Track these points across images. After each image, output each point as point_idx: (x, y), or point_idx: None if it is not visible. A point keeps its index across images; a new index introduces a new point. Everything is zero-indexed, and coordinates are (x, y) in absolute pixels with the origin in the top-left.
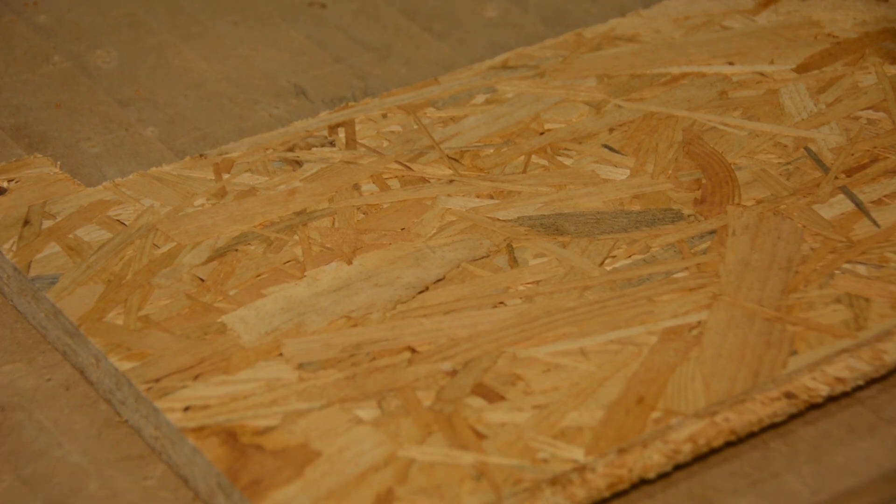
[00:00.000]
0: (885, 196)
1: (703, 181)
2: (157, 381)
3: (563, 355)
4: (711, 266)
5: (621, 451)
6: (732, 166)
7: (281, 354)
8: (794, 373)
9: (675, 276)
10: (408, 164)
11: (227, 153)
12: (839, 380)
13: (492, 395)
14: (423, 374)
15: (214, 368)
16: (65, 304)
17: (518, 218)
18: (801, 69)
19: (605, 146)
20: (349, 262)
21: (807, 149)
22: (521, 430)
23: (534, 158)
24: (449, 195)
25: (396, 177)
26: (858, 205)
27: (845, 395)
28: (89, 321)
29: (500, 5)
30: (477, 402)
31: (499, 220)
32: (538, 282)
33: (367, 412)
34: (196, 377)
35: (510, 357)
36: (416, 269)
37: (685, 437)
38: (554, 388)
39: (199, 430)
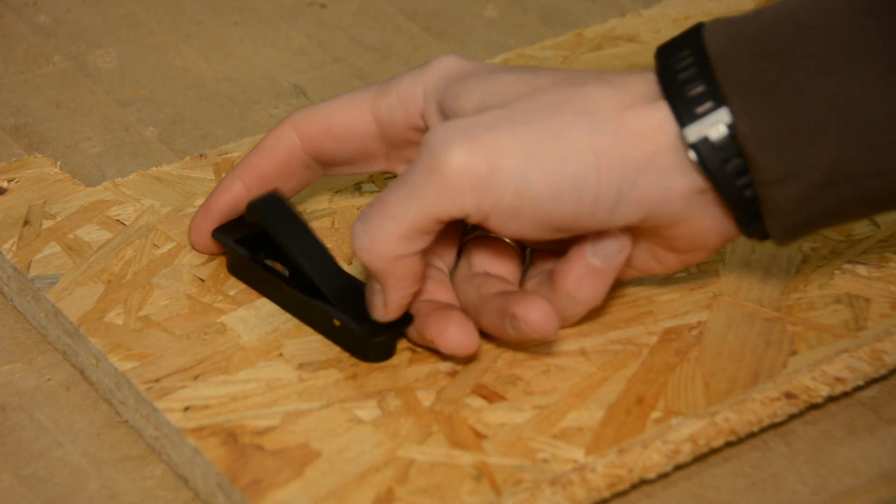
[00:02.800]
0: None
1: None
2: (157, 381)
3: (563, 355)
4: (711, 266)
5: (621, 451)
6: None
7: (281, 354)
8: (794, 373)
9: (675, 276)
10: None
11: (227, 153)
12: (839, 380)
13: (492, 395)
14: (423, 374)
15: (214, 368)
16: (65, 304)
17: None
18: None
19: None
20: (349, 262)
21: None
22: (521, 430)
23: None
24: None
25: (396, 177)
26: None
27: (845, 395)
28: (89, 321)
29: (500, 5)
30: (477, 402)
31: None
32: None
33: (367, 412)
34: (196, 377)
35: (510, 357)
36: None
37: (685, 437)
38: (554, 388)
39: (199, 430)
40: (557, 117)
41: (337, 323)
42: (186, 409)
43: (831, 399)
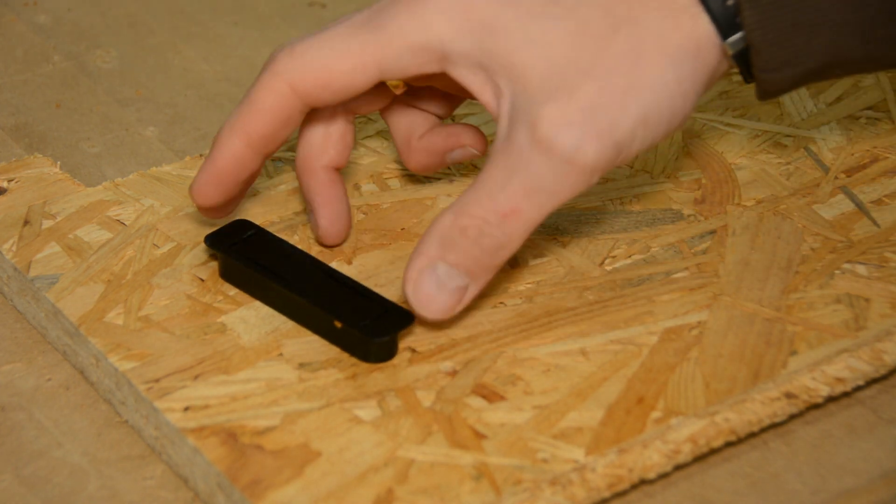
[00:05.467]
0: (885, 196)
1: (703, 181)
2: (157, 381)
3: (563, 355)
4: (711, 266)
5: (621, 451)
6: (732, 166)
7: (281, 354)
8: (794, 373)
9: (675, 276)
10: None
11: None
12: (839, 380)
13: (492, 395)
14: (423, 374)
15: (214, 368)
16: (65, 304)
17: None
18: None
19: None
20: (349, 262)
21: (807, 149)
22: (521, 430)
23: None
24: (449, 195)
25: (396, 177)
26: (858, 205)
27: (845, 395)
28: (89, 321)
29: None
30: (477, 402)
31: None
32: (538, 282)
33: (367, 412)
34: (196, 377)
35: (510, 357)
36: None
37: (685, 437)
38: (554, 388)
39: (199, 430)
40: (645, 70)
41: (338, 325)
42: (186, 409)
43: (831, 399)
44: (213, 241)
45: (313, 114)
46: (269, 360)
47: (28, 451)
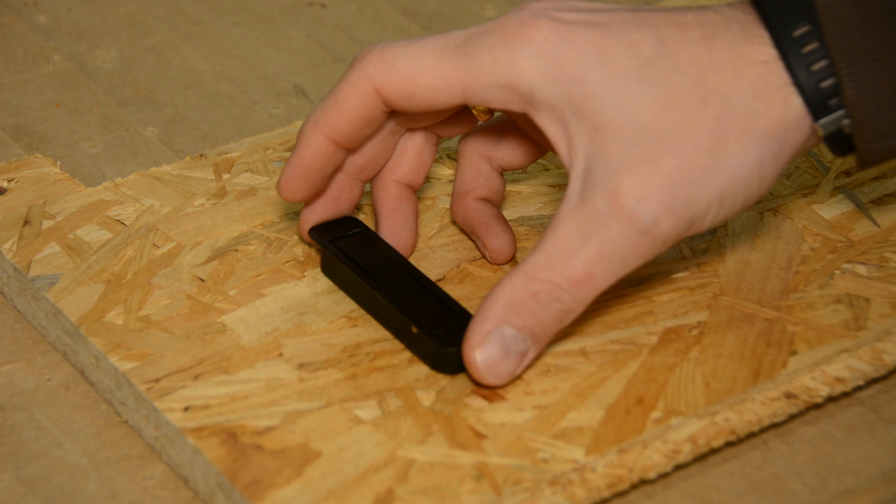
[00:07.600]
0: (885, 196)
1: None
2: (157, 381)
3: (563, 355)
4: (711, 266)
5: (621, 451)
6: None
7: (281, 354)
8: (794, 373)
9: (675, 276)
10: None
11: (227, 153)
12: (839, 380)
13: (492, 395)
14: (423, 374)
15: (214, 368)
16: (65, 304)
17: (518, 218)
18: None
19: None
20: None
21: None
22: (521, 430)
23: None
24: (449, 195)
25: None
26: (858, 205)
27: (845, 395)
28: (89, 321)
29: (500, 5)
30: (477, 402)
31: None
32: None
33: (367, 412)
34: (196, 377)
35: None
36: None
37: (685, 437)
38: (554, 388)
39: (199, 430)
40: (729, 151)
41: (414, 330)
42: (186, 409)
43: (831, 399)
44: (316, 233)
45: (395, 128)
46: (268, 360)
47: (28, 451)
